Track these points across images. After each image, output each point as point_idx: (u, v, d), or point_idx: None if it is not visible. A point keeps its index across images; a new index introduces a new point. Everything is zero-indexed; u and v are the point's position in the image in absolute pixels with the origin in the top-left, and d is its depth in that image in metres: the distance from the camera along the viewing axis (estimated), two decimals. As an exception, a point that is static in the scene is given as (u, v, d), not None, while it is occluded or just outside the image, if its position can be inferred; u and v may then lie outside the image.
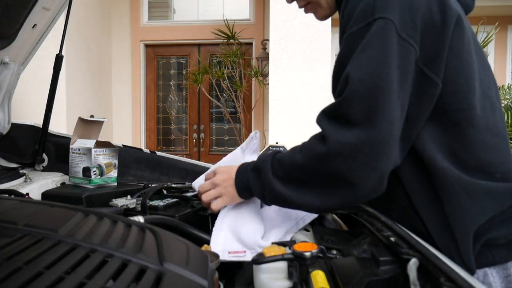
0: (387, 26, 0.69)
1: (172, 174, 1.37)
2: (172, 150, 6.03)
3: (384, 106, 0.67)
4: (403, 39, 0.69)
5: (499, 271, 0.75)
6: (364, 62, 0.69)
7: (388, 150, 0.68)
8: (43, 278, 0.37)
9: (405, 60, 0.69)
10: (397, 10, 0.70)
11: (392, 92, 0.68)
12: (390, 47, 0.68)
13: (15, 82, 1.38)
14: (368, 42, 0.70)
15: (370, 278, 0.57)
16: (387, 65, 0.68)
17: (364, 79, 0.68)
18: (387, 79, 0.68)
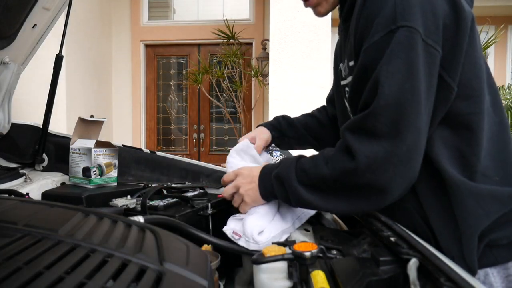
0: (412, 36, 0.67)
1: (172, 174, 1.37)
2: (172, 150, 6.03)
3: (413, 118, 0.67)
4: (429, 45, 0.68)
5: (500, 271, 0.76)
6: (392, 75, 0.67)
7: (416, 158, 0.69)
8: (43, 278, 0.37)
9: (432, 66, 0.69)
10: (419, 15, 0.68)
11: (421, 103, 0.67)
12: (416, 57, 0.67)
13: (15, 82, 1.38)
14: (393, 53, 0.68)
15: (370, 278, 0.57)
16: (415, 77, 0.67)
17: (393, 93, 0.67)
18: (416, 92, 0.67)
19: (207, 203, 1.03)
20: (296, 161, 0.80)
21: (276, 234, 0.83)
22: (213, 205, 1.04)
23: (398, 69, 0.67)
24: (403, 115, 0.67)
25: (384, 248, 0.65)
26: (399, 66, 0.67)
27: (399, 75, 0.67)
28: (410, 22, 0.68)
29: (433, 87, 0.70)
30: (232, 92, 5.36)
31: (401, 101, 0.67)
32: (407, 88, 0.67)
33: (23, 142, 1.45)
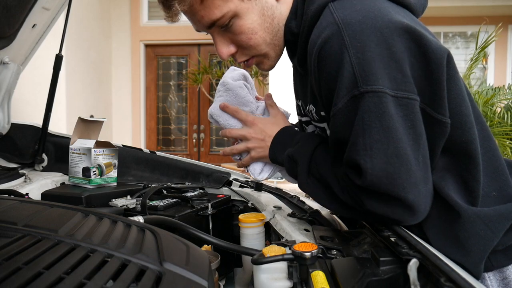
0: (380, 100, 0.63)
1: (172, 174, 1.37)
2: (172, 150, 6.03)
3: (406, 178, 0.64)
4: (401, 98, 0.64)
5: (495, 274, 0.76)
6: (371, 148, 0.64)
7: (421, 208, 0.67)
8: (43, 278, 0.37)
9: (412, 116, 0.65)
10: (382, 71, 0.63)
11: (410, 160, 0.64)
12: (391, 119, 0.63)
13: (15, 82, 1.38)
14: (365, 123, 0.64)
15: (370, 278, 0.57)
16: (396, 139, 0.63)
17: (379, 166, 0.64)
18: (402, 152, 0.64)
19: (207, 203, 1.03)
20: (312, 151, 0.80)
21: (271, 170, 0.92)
22: (213, 205, 1.04)
23: (376, 139, 0.63)
24: (395, 179, 0.64)
25: (384, 248, 0.65)
26: (375, 137, 0.63)
27: (378, 145, 0.63)
28: (374, 84, 0.63)
29: (420, 135, 0.66)
30: (232, 92, 5.35)
31: (390, 170, 0.64)
32: (391, 153, 0.63)
33: (22, 142, 1.45)
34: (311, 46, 0.71)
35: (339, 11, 0.68)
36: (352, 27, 0.65)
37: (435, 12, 5.33)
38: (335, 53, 0.65)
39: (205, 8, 0.74)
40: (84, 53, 5.03)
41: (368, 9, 0.67)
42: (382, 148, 0.64)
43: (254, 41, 0.79)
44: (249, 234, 0.92)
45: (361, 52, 0.64)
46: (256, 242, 0.92)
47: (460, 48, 5.84)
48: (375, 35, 0.64)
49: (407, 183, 0.65)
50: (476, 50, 3.91)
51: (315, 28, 0.72)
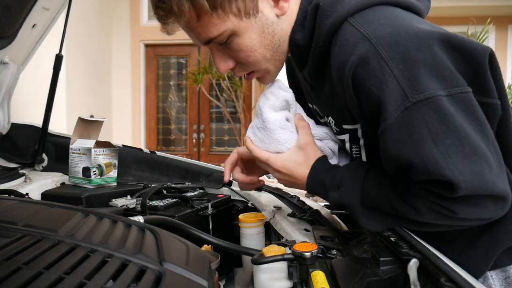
0: (436, 104, 0.60)
1: (172, 174, 1.37)
2: (172, 150, 6.03)
3: (490, 171, 0.62)
4: (456, 94, 0.61)
5: (498, 273, 0.76)
6: (448, 154, 0.60)
7: (508, 192, 0.64)
8: (43, 278, 0.37)
9: (472, 110, 0.63)
10: (428, 75, 0.61)
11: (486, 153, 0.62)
12: (454, 118, 0.61)
13: (15, 82, 1.38)
14: (432, 132, 0.61)
15: (370, 278, 0.57)
16: (467, 138, 0.61)
17: (465, 170, 0.60)
18: (478, 150, 0.61)
19: (207, 203, 1.03)
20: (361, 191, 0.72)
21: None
22: (213, 205, 1.04)
23: (449, 144, 0.60)
24: (483, 176, 0.61)
25: (384, 248, 0.65)
26: (447, 142, 0.60)
27: (454, 149, 0.60)
28: (425, 91, 0.61)
29: (484, 124, 0.64)
30: (232, 92, 5.36)
31: (475, 170, 0.61)
32: (469, 152, 0.61)
33: (23, 142, 1.45)
34: (340, 65, 0.68)
35: (365, 26, 0.66)
36: (386, 40, 0.63)
37: (435, 12, 5.33)
38: (374, 69, 0.63)
39: (202, 26, 0.72)
40: (84, 53, 5.03)
41: (393, 20, 0.66)
42: (459, 151, 0.60)
43: (253, 58, 0.77)
44: (249, 234, 0.92)
45: (401, 63, 0.62)
46: (256, 242, 0.92)
47: (460, 48, 5.83)
48: (412, 42, 0.62)
49: (493, 176, 0.62)
50: None
51: (338, 45, 0.69)
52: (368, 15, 0.68)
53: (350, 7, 0.68)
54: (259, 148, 0.82)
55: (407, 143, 0.62)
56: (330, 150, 0.83)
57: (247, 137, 0.85)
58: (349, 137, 0.80)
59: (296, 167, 0.80)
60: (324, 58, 0.74)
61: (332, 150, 0.83)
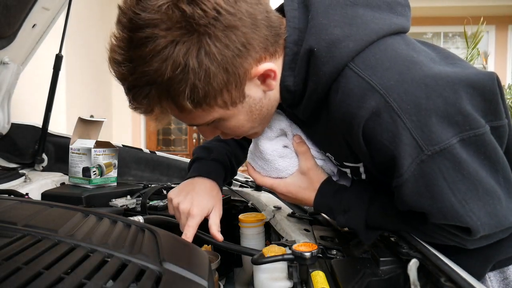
0: (452, 153, 0.60)
1: (172, 174, 1.37)
2: (172, 150, 6.03)
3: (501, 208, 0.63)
4: (468, 138, 0.61)
5: (496, 274, 0.76)
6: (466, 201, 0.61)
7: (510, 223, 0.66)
8: (43, 278, 0.37)
9: (484, 149, 0.62)
10: (441, 124, 0.60)
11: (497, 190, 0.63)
12: (469, 163, 0.61)
13: (15, 82, 1.38)
14: (449, 182, 0.61)
15: (370, 278, 0.57)
16: (480, 180, 0.62)
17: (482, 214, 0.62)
18: (490, 189, 0.62)
19: (207, 203, 1.03)
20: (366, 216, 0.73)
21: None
22: (213, 205, 1.04)
23: (464, 191, 0.61)
24: (498, 216, 0.63)
25: (385, 249, 0.65)
26: (463, 189, 0.61)
27: (470, 195, 0.61)
28: (440, 143, 0.60)
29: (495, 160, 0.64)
30: (232, 92, 5.35)
31: (489, 210, 0.62)
32: (482, 194, 0.62)
33: (22, 142, 1.44)
34: (347, 116, 0.65)
35: (370, 74, 0.63)
36: (395, 91, 0.61)
37: (435, 12, 5.33)
38: (386, 123, 0.61)
39: (186, 117, 0.68)
40: (84, 53, 5.03)
41: (396, 61, 0.63)
42: (474, 195, 0.61)
43: (241, 131, 0.74)
44: (249, 234, 0.92)
45: (414, 114, 0.60)
46: (256, 242, 0.92)
47: (460, 48, 5.84)
48: (420, 89, 0.61)
49: (503, 210, 0.63)
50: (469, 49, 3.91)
51: (340, 93, 0.66)
52: (369, 59, 0.64)
53: (349, 52, 0.64)
54: (262, 175, 0.83)
55: (425, 194, 0.62)
56: (331, 170, 0.82)
57: (248, 164, 0.85)
58: (350, 171, 0.78)
59: (301, 191, 0.80)
60: (321, 103, 0.71)
61: (332, 171, 0.82)
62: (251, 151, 0.84)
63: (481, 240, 0.67)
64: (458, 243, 0.68)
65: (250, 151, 0.84)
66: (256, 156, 0.81)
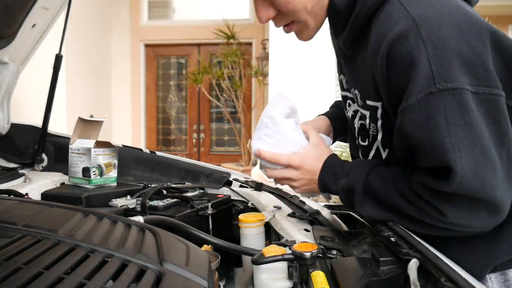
0: (461, 97, 0.61)
1: (172, 174, 1.37)
2: (172, 150, 6.04)
3: (493, 176, 0.62)
4: (483, 94, 0.62)
5: (497, 276, 0.75)
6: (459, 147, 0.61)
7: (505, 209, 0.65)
8: (43, 278, 0.37)
9: (495, 113, 0.63)
10: (461, 68, 0.62)
11: (495, 159, 0.63)
12: (473, 116, 0.61)
13: (15, 82, 1.38)
14: (449, 122, 0.61)
15: (370, 278, 0.57)
16: (480, 137, 0.62)
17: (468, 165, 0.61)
18: (487, 150, 0.62)
19: (207, 203, 1.03)
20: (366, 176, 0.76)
21: None
22: (213, 205, 1.04)
23: (461, 138, 0.61)
24: (483, 179, 0.62)
25: (385, 248, 0.65)
26: (460, 135, 0.61)
27: (465, 144, 0.61)
28: (453, 82, 0.61)
29: (504, 132, 0.64)
30: (232, 92, 5.36)
31: (478, 169, 0.62)
32: (478, 152, 0.61)
33: (22, 142, 1.44)
34: (379, 37, 0.68)
35: (412, 5, 0.66)
36: (430, 22, 0.63)
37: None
38: (411, 47, 0.63)
39: None
40: (84, 53, 5.03)
41: (442, 3, 0.66)
42: (469, 147, 0.61)
43: (292, 6, 0.76)
44: (249, 234, 0.92)
45: (439, 49, 0.62)
46: (256, 242, 0.92)
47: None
48: (454, 31, 0.63)
49: (494, 182, 0.62)
50: None
51: (381, 18, 0.69)
52: None
53: None
54: (276, 154, 0.85)
55: (422, 126, 0.63)
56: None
57: (258, 150, 0.86)
58: (369, 115, 0.80)
59: (314, 161, 0.84)
60: (362, 30, 0.74)
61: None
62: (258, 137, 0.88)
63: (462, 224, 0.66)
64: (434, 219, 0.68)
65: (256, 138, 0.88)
66: (268, 136, 0.86)
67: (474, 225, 0.67)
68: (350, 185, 0.77)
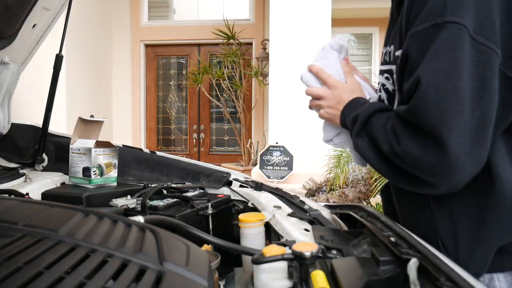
0: (459, 33, 0.63)
1: (172, 174, 1.37)
2: (172, 150, 6.04)
3: (454, 120, 0.62)
4: (478, 42, 0.63)
5: (506, 275, 0.73)
6: (433, 73, 0.64)
7: (458, 163, 0.64)
8: (43, 278, 0.37)
9: (484, 66, 0.64)
10: (471, 9, 0.64)
11: (465, 105, 0.63)
12: (462, 56, 0.63)
13: (15, 82, 1.38)
14: (437, 50, 0.65)
15: (370, 278, 0.57)
16: (459, 77, 0.63)
17: (432, 91, 0.64)
18: (459, 92, 0.63)
19: (207, 203, 1.03)
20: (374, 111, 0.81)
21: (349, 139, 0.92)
22: (213, 205, 1.04)
23: (440, 67, 0.64)
24: (443, 116, 0.63)
25: (384, 248, 0.65)
26: (441, 65, 0.64)
27: (440, 74, 0.64)
28: (459, 17, 0.63)
29: (486, 89, 0.64)
30: (232, 92, 5.36)
31: (441, 101, 0.63)
32: (449, 88, 0.63)
33: (23, 142, 1.45)
34: None
35: None
36: None
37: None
38: None
39: None
40: (84, 53, 5.03)
41: None
42: (443, 78, 0.64)
43: None
44: (249, 234, 0.92)
45: None
46: (256, 242, 0.92)
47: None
48: None
49: (453, 125, 0.62)
50: None
51: None
52: None
53: None
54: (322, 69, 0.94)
55: (416, 47, 0.68)
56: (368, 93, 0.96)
57: (310, 64, 0.96)
58: (395, 69, 0.82)
59: (346, 92, 0.90)
60: None
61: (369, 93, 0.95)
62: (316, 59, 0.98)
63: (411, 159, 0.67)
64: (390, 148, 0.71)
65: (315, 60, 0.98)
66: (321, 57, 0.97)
67: (426, 169, 0.67)
68: (357, 114, 0.82)
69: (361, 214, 0.85)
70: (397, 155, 0.70)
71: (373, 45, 6.15)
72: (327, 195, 3.84)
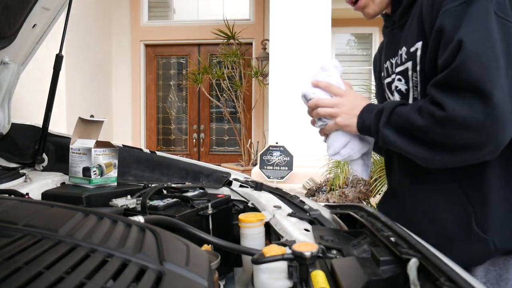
0: (488, 6, 0.72)
1: (172, 174, 1.37)
2: (172, 150, 6.04)
3: (496, 76, 0.68)
4: (500, 17, 0.72)
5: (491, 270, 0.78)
6: (473, 34, 0.71)
7: (503, 119, 0.69)
8: (43, 278, 0.37)
9: (508, 36, 0.72)
10: None
11: (501, 65, 0.69)
12: (492, 24, 0.71)
13: (15, 82, 1.38)
14: (472, 18, 0.72)
15: (370, 278, 0.57)
16: (493, 39, 0.70)
17: (474, 48, 0.70)
18: (495, 51, 0.70)
19: (207, 203, 1.03)
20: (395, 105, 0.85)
21: (357, 149, 0.96)
22: (213, 205, 1.04)
23: (478, 29, 0.71)
24: (486, 71, 0.69)
25: (384, 248, 0.65)
26: (479, 28, 0.71)
27: (478, 34, 0.71)
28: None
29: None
30: (232, 92, 5.36)
31: (483, 57, 0.69)
32: (488, 46, 0.70)
33: (23, 142, 1.45)
34: None
35: None
36: None
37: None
38: None
39: None
40: (84, 53, 5.03)
41: None
42: (481, 38, 0.70)
43: None
44: (249, 234, 0.92)
45: None
46: (256, 242, 0.92)
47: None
48: None
49: (495, 79, 0.69)
50: None
51: None
52: None
53: None
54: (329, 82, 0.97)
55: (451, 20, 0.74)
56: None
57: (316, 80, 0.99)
58: (411, 65, 0.87)
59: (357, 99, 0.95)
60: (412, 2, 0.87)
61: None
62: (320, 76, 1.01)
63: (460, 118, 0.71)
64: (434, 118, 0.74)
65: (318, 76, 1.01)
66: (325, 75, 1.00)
67: (471, 124, 0.70)
68: (382, 108, 0.86)
69: (361, 214, 0.85)
70: (442, 122, 0.73)
71: (373, 45, 6.14)
72: (327, 195, 3.84)
